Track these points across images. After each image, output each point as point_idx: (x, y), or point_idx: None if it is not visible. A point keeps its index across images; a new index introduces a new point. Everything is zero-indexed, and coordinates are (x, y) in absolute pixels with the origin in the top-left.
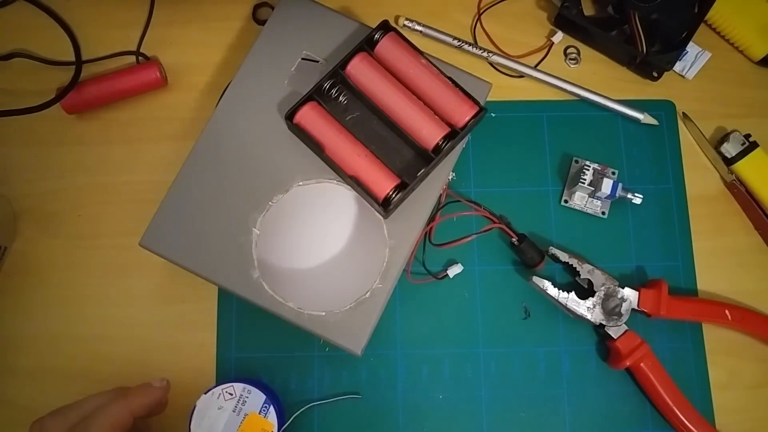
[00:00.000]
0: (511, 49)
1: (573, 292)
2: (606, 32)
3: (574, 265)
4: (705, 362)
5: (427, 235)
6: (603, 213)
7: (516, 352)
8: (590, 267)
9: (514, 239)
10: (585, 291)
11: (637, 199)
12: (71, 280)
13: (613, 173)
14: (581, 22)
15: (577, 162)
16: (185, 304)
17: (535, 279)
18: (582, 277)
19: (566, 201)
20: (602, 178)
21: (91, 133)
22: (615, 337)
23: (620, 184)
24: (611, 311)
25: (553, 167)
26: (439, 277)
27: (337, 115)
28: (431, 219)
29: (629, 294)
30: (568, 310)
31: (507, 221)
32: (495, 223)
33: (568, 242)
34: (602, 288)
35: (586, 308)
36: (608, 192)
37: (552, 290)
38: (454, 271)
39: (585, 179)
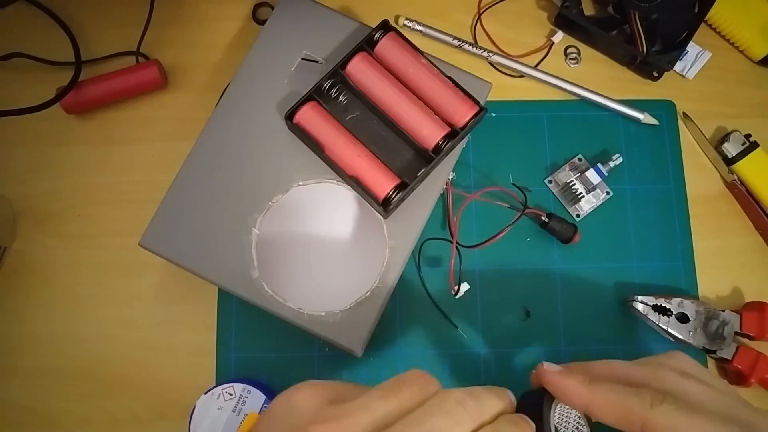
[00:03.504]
0: (511, 49)
1: (673, 316)
2: (606, 32)
3: (662, 305)
4: None
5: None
6: (608, 193)
7: (516, 352)
8: (678, 300)
9: (543, 217)
10: (684, 316)
11: (619, 159)
12: (71, 280)
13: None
14: (581, 22)
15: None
16: (185, 304)
17: (635, 304)
18: (675, 313)
19: (578, 216)
20: (585, 172)
21: (91, 133)
22: (730, 358)
23: (599, 165)
24: (714, 335)
25: (553, 167)
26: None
27: (337, 115)
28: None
29: (729, 317)
30: (669, 334)
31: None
32: (524, 208)
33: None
34: (698, 313)
35: (688, 332)
36: (598, 179)
37: (653, 316)
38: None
39: (576, 188)
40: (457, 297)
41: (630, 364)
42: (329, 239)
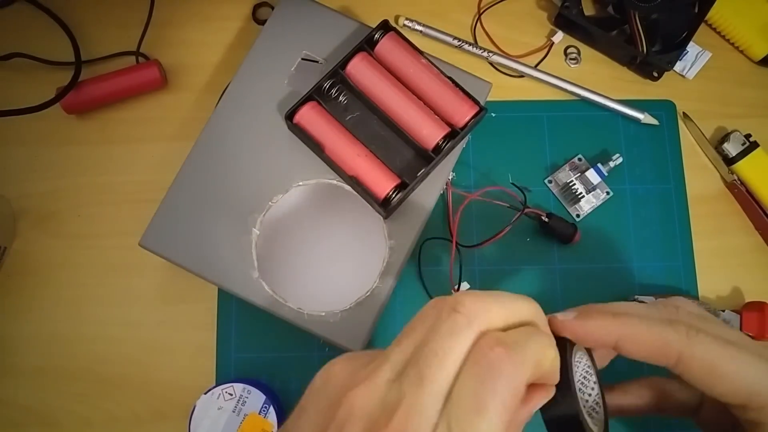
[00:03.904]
0: (511, 49)
1: None
2: (606, 32)
3: None
4: None
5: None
6: (608, 193)
7: None
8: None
9: (543, 217)
10: None
11: (619, 159)
12: (71, 280)
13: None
14: (581, 22)
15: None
16: (185, 304)
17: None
18: None
19: (578, 216)
20: (585, 172)
21: (91, 133)
22: None
23: (599, 165)
24: None
25: (553, 167)
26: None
27: (337, 115)
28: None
29: (729, 317)
30: None
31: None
32: (523, 208)
33: None
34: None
35: None
36: (598, 179)
37: None
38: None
39: (576, 188)
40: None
41: (647, 306)
42: (329, 239)
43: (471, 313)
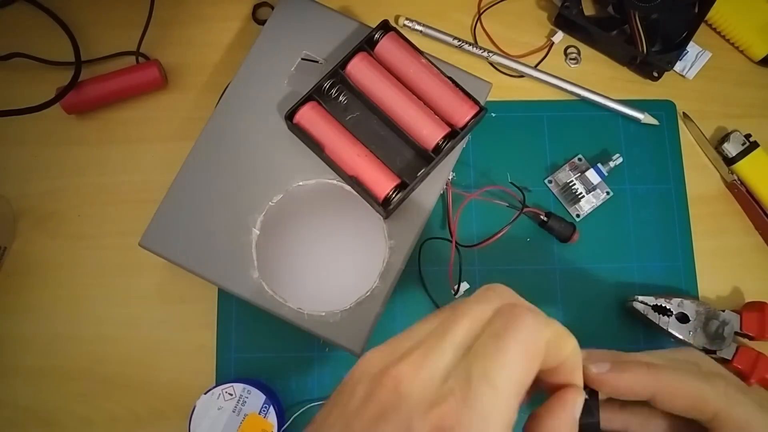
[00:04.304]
0: (511, 49)
1: (673, 316)
2: (606, 32)
3: (662, 305)
4: None
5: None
6: (608, 193)
7: None
8: (678, 300)
9: (542, 216)
10: (684, 316)
11: (619, 159)
12: (71, 280)
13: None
14: (581, 22)
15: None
16: (185, 304)
17: (635, 304)
18: (675, 313)
19: (578, 216)
20: (585, 172)
21: (91, 133)
22: (730, 359)
23: (599, 165)
24: (714, 335)
25: (553, 167)
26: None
27: (337, 115)
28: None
29: (729, 317)
30: (669, 334)
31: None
32: (522, 207)
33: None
34: (698, 313)
35: (688, 332)
36: (598, 179)
37: (653, 316)
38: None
39: (576, 188)
40: (456, 297)
41: (670, 357)
42: (329, 239)
43: (502, 292)
